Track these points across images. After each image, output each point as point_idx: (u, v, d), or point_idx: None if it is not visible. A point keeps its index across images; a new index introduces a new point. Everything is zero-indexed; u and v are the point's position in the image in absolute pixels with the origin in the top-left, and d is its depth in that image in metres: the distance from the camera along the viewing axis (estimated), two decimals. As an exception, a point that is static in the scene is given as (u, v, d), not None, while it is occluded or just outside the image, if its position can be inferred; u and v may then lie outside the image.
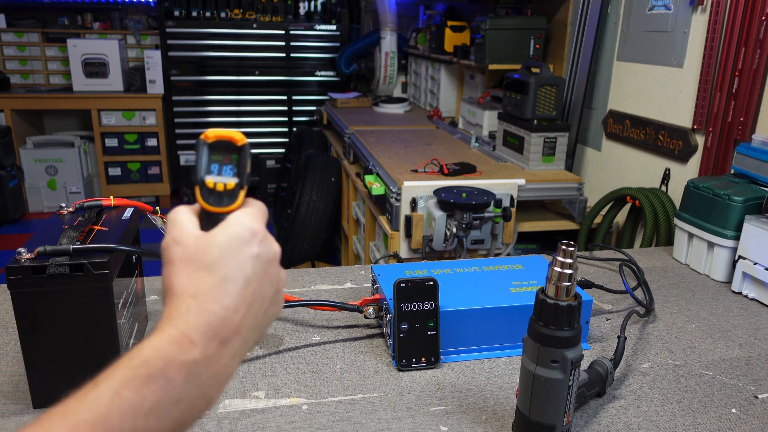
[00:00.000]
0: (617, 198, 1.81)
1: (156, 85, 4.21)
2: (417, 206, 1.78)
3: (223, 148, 0.46)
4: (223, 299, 0.42)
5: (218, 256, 0.43)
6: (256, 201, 0.47)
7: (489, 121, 2.50)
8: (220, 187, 0.45)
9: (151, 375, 0.38)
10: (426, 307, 0.81)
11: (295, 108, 4.56)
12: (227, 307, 0.42)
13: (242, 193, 0.46)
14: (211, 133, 0.45)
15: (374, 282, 0.94)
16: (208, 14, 4.26)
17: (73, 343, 0.68)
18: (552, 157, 2.02)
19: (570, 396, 0.64)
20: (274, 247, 0.47)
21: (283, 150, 4.51)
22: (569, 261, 0.61)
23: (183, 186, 4.54)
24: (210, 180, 0.45)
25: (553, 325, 0.62)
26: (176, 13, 4.22)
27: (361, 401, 0.74)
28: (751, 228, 1.04)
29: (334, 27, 4.48)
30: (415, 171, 1.95)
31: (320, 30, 4.46)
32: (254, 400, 0.74)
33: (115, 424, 0.36)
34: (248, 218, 0.45)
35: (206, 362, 0.40)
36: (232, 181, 0.45)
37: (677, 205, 1.49)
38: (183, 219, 0.45)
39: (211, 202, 0.45)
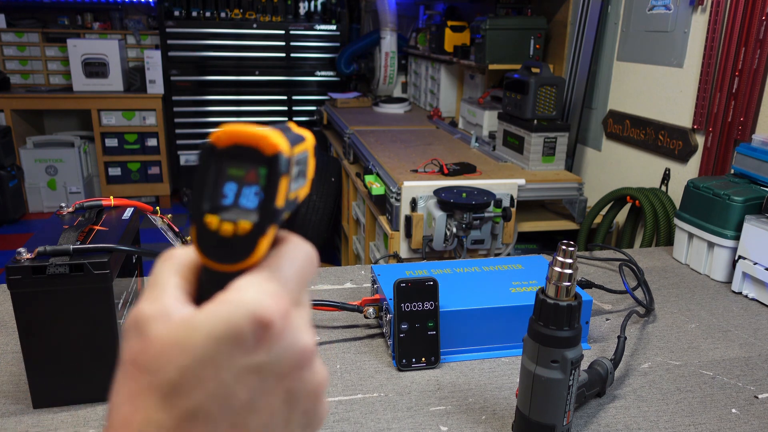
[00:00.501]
0: (617, 198, 1.81)
1: (156, 85, 4.21)
2: (417, 206, 1.78)
3: (243, 158, 0.27)
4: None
5: (185, 372, 0.24)
6: (298, 246, 0.29)
7: (489, 121, 2.50)
8: (227, 230, 0.27)
9: None
10: (426, 307, 0.81)
11: (295, 108, 4.56)
12: None
13: (265, 243, 0.27)
14: (226, 135, 0.27)
15: (374, 282, 0.94)
16: (208, 14, 4.26)
17: (73, 343, 0.68)
18: (552, 157, 2.02)
19: (570, 396, 0.64)
20: (304, 342, 0.27)
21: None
22: (569, 261, 0.61)
23: (183, 186, 4.54)
24: (215, 217, 0.27)
25: (553, 325, 0.62)
26: (176, 13, 4.22)
27: (361, 401, 0.74)
28: (751, 228, 1.04)
29: (334, 27, 4.48)
30: (415, 171, 1.95)
31: (320, 30, 4.46)
32: (254, 400, 0.74)
33: None
34: (257, 293, 0.26)
35: None
36: (247, 220, 0.26)
37: (677, 205, 1.49)
38: (166, 280, 0.28)
39: (213, 255, 0.27)
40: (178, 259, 0.29)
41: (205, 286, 0.28)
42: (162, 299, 0.27)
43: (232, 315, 0.25)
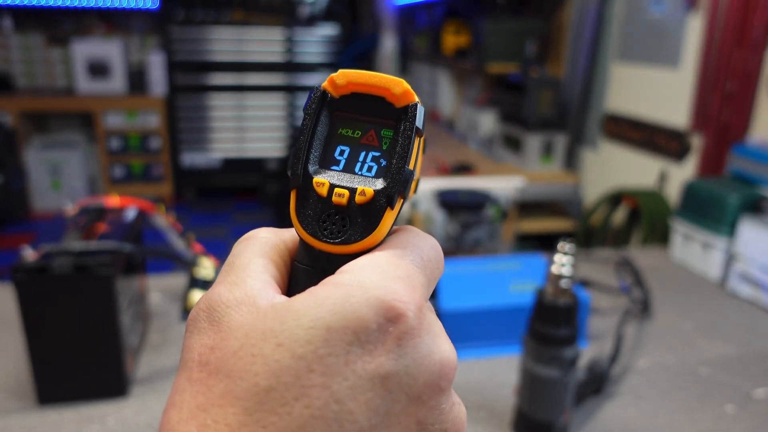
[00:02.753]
0: (615, 198, 1.82)
1: (158, 87, 4.22)
2: (417, 206, 1.79)
3: (365, 110, 0.22)
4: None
5: (284, 372, 0.18)
6: (422, 235, 0.23)
7: (488, 122, 2.51)
8: (341, 197, 0.21)
9: None
10: (425, 306, 0.82)
11: (296, 109, 4.57)
12: None
13: (389, 217, 0.21)
14: (343, 79, 0.22)
15: (374, 281, 0.95)
16: (210, 16, 4.27)
17: (77, 341, 0.69)
18: (550, 158, 2.03)
19: (568, 394, 0.65)
20: (443, 352, 0.22)
21: (284, 151, 4.52)
22: (567, 260, 0.62)
23: (185, 186, 4.56)
24: (325, 179, 0.22)
25: (551, 324, 0.63)
26: (179, 15, 4.24)
27: (361, 399, 0.75)
28: (746, 228, 1.05)
29: (334, 29, 4.49)
30: (416, 172, 1.96)
31: (321, 32, 4.47)
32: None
33: None
34: (383, 279, 0.19)
35: None
36: (370, 187, 0.21)
37: (674, 205, 1.50)
38: (248, 262, 0.21)
39: (319, 231, 0.21)
40: (265, 240, 0.22)
41: (301, 275, 0.21)
42: (245, 284, 0.20)
43: (349, 300, 0.18)
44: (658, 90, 1.77)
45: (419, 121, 0.21)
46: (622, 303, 1.04)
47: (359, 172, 0.21)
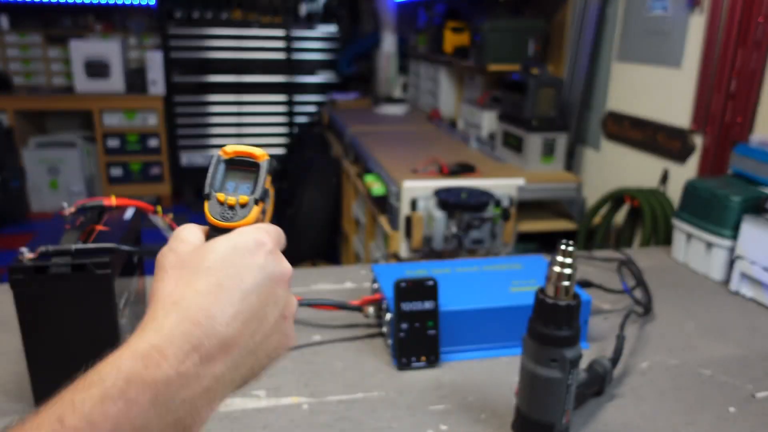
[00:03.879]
0: (616, 198, 1.82)
1: (157, 86, 4.22)
2: (417, 206, 1.79)
3: (240, 164, 0.44)
4: (210, 307, 0.36)
5: (214, 261, 0.38)
6: (272, 225, 0.44)
7: (488, 121, 2.51)
8: (231, 201, 0.42)
9: (106, 396, 0.31)
10: (426, 306, 0.81)
11: (295, 109, 4.57)
12: (214, 317, 0.36)
13: (256, 210, 0.43)
14: (230, 149, 0.44)
15: (374, 282, 0.95)
16: (209, 15, 4.26)
17: (74, 342, 0.69)
18: (551, 158, 2.03)
19: (569, 395, 0.65)
20: (285, 266, 0.42)
21: (283, 150, 4.51)
22: (568, 261, 0.62)
23: (184, 186, 4.55)
24: (222, 195, 0.42)
25: (552, 324, 0.62)
26: (177, 14, 4.23)
27: (362, 400, 0.75)
28: (748, 228, 1.05)
29: (334, 28, 4.49)
30: (415, 171, 1.96)
31: (321, 31, 4.47)
32: (255, 399, 0.75)
33: None
34: (256, 230, 0.41)
35: (180, 381, 0.33)
36: (245, 195, 0.43)
37: (675, 205, 1.49)
38: (187, 233, 0.41)
39: (220, 218, 0.42)
40: (194, 225, 0.43)
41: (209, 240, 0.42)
42: (193, 235, 0.42)
43: (242, 237, 0.40)
44: (660, 89, 1.77)
45: (269, 168, 0.45)
46: (624, 304, 1.03)
47: (240, 192, 0.43)
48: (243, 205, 0.42)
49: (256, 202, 0.43)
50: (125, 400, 0.31)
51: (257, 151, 0.44)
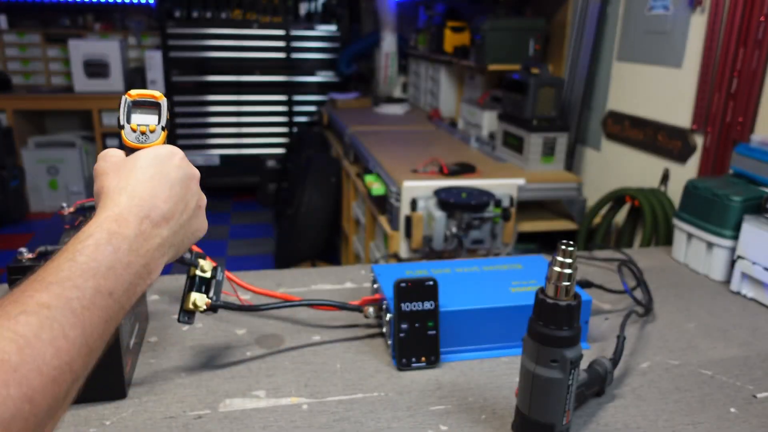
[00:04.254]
0: (616, 198, 1.81)
1: (157, 86, 4.22)
2: (417, 206, 1.79)
3: (145, 104, 0.56)
4: (150, 190, 0.50)
5: (144, 163, 0.52)
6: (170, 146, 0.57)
7: (489, 121, 2.50)
8: (143, 129, 0.55)
9: (99, 243, 0.44)
10: (426, 306, 0.81)
11: (295, 108, 4.57)
12: (155, 197, 0.50)
13: (164, 135, 0.56)
14: (134, 92, 0.56)
15: (374, 282, 0.95)
16: (208, 15, 4.26)
17: (74, 342, 0.69)
18: (551, 157, 2.03)
19: (569, 395, 0.64)
20: (195, 169, 0.56)
21: (283, 150, 4.51)
22: (569, 261, 0.61)
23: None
24: (134, 123, 0.55)
25: (552, 324, 0.62)
26: (177, 13, 4.22)
27: (362, 400, 0.75)
28: (749, 228, 1.05)
29: (334, 27, 4.48)
30: (415, 171, 1.95)
31: (320, 30, 4.46)
32: (255, 400, 0.74)
33: (79, 283, 0.41)
34: (168, 146, 0.55)
35: (143, 237, 0.48)
36: (154, 124, 0.55)
37: (676, 205, 1.49)
38: (112, 152, 0.54)
39: (136, 141, 0.55)
40: (116, 149, 0.55)
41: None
42: (118, 153, 0.55)
43: (159, 149, 0.54)
44: (660, 89, 1.76)
45: (166, 105, 0.57)
46: (624, 304, 1.03)
47: (149, 122, 0.56)
48: (152, 132, 0.55)
49: (163, 129, 0.56)
50: (113, 247, 0.45)
51: (156, 93, 0.57)
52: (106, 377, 0.71)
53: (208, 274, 0.77)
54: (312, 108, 4.56)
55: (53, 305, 0.38)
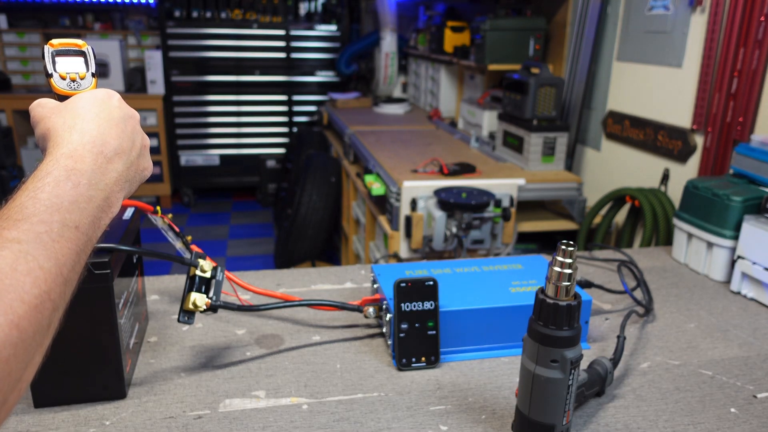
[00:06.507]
0: (617, 198, 1.81)
1: (156, 86, 4.21)
2: (417, 206, 1.79)
3: (69, 52, 0.56)
4: (99, 128, 0.51)
5: (84, 105, 0.53)
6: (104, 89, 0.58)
7: (489, 121, 2.50)
8: (73, 76, 0.56)
9: (58, 180, 0.45)
10: (426, 307, 0.81)
11: (295, 108, 4.57)
12: (105, 134, 0.51)
13: (95, 81, 0.57)
14: (56, 42, 0.56)
15: (374, 282, 0.95)
16: (208, 15, 4.26)
17: (73, 342, 0.69)
18: (552, 157, 2.02)
19: (569, 395, 0.64)
20: (133, 110, 0.57)
21: (283, 150, 4.51)
22: (569, 261, 0.61)
23: (183, 186, 4.55)
24: (63, 72, 0.56)
25: (552, 324, 0.62)
26: (177, 13, 4.22)
27: (362, 401, 0.75)
28: (749, 228, 1.05)
29: (334, 27, 4.48)
30: (415, 171, 1.95)
31: (320, 30, 4.46)
32: (255, 400, 0.74)
33: (45, 218, 0.42)
34: (103, 89, 0.56)
35: (99, 171, 0.49)
36: (83, 71, 0.56)
37: (676, 205, 1.49)
38: (44, 99, 0.55)
39: (68, 88, 0.55)
40: (49, 98, 0.55)
41: None
42: (51, 100, 0.55)
43: (96, 92, 0.55)
44: (660, 89, 1.76)
45: (92, 52, 0.58)
46: (624, 304, 1.03)
47: (77, 70, 0.56)
48: (83, 79, 0.56)
49: (93, 75, 0.57)
50: (72, 183, 0.45)
51: (79, 42, 0.57)
52: (106, 377, 0.71)
53: (208, 274, 0.77)
54: (312, 108, 4.56)
55: (24, 239, 0.39)
